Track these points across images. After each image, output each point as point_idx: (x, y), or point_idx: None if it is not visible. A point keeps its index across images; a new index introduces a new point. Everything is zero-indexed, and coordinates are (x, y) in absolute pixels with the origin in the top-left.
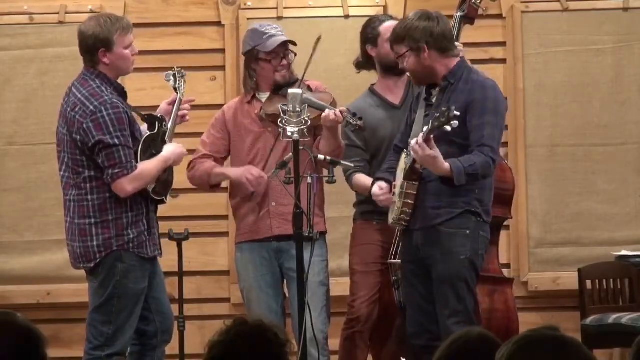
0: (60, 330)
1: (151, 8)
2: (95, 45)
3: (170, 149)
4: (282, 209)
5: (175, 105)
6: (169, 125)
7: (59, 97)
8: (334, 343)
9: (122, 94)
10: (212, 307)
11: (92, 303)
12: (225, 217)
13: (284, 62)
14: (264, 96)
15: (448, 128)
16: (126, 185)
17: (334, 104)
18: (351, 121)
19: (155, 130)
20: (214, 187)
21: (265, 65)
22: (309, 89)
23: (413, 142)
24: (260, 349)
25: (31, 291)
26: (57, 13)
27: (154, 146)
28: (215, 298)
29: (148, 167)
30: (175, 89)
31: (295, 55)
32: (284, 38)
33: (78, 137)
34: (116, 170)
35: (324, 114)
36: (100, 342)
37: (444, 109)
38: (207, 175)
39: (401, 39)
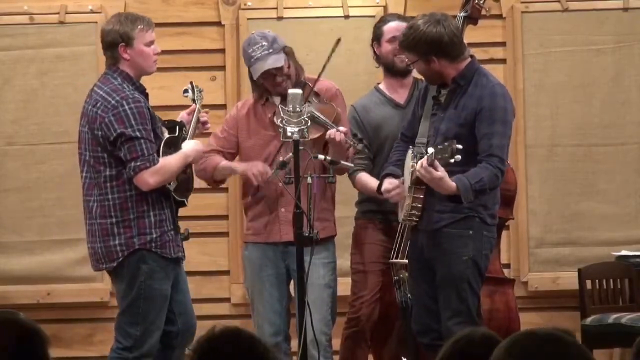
0: (60, 330)
1: (151, 8)
2: (115, 40)
3: (189, 146)
4: (291, 216)
5: (195, 114)
6: (190, 131)
7: (59, 97)
8: (335, 342)
9: (144, 94)
10: (212, 307)
11: (120, 306)
12: (225, 217)
13: (278, 79)
14: (277, 99)
15: (451, 161)
16: (148, 178)
17: (337, 118)
18: (352, 144)
19: (176, 134)
20: (217, 183)
21: (264, 84)
22: (316, 95)
23: (418, 165)
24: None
25: (31, 291)
26: (57, 13)
27: (174, 148)
28: (215, 298)
29: (169, 161)
30: (193, 100)
31: (289, 67)
32: (264, 66)
33: (100, 132)
34: (138, 163)
35: (328, 132)
36: (128, 344)
37: (446, 143)
38: (212, 168)
39: (410, 48)
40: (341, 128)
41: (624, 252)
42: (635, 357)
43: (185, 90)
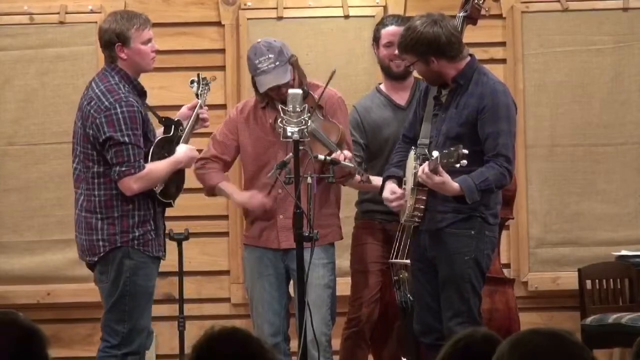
0: (60, 330)
1: (151, 8)
2: (112, 40)
3: (182, 151)
4: (289, 222)
5: (195, 110)
6: (186, 129)
7: (59, 97)
8: (335, 343)
9: (141, 93)
10: (212, 307)
11: (106, 304)
12: (225, 217)
13: (283, 90)
14: (278, 103)
15: (457, 166)
16: (132, 184)
17: (342, 137)
18: (357, 171)
19: (171, 134)
20: (215, 195)
21: (269, 93)
22: (319, 107)
23: (419, 170)
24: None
25: (31, 291)
26: (57, 13)
27: (167, 149)
28: (215, 298)
29: (157, 167)
30: (197, 95)
31: (294, 78)
32: (272, 82)
33: (90, 131)
34: (123, 168)
35: (333, 155)
36: (116, 342)
37: (452, 148)
38: (212, 187)
39: (409, 49)
40: (346, 152)
41: (624, 252)
42: (635, 357)
43: (192, 82)
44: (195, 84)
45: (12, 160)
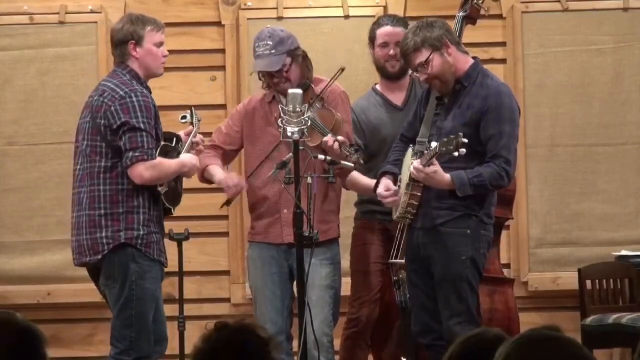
0: (60, 330)
1: (151, 8)
2: (126, 37)
3: (186, 157)
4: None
5: (191, 135)
6: (185, 147)
7: (59, 97)
8: (335, 343)
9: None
10: (212, 307)
11: (113, 309)
12: (225, 217)
13: (275, 80)
14: (284, 99)
15: (455, 154)
16: (143, 171)
17: (337, 125)
18: (348, 154)
19: (172, 145)
20: (207, 181)
21: (264, 79)
22: (320, 99)
23: (411, 167)
24: (242, 352)
25: (31, 291)
26: (57, 13)
27: (169, 157)
28: (215, 298)
29: (166, 162)
30: (191, 123)
31: (288, 71)
32: (258, 67)
33: (102, 121)
34: (137, 154)
35: (323, 139)
36: (125, 346)
37: (452, 136)
38: (203, 168)
39: (419, 45)
40: (339, 137)
41: (624, 252)
42: (639, 357)
43: (184, 117)
44: (188, 116)
45: (12, 160)
